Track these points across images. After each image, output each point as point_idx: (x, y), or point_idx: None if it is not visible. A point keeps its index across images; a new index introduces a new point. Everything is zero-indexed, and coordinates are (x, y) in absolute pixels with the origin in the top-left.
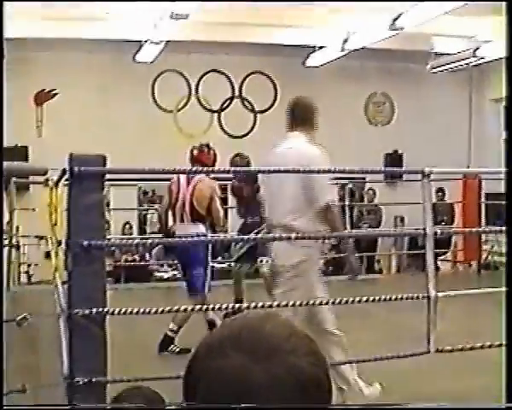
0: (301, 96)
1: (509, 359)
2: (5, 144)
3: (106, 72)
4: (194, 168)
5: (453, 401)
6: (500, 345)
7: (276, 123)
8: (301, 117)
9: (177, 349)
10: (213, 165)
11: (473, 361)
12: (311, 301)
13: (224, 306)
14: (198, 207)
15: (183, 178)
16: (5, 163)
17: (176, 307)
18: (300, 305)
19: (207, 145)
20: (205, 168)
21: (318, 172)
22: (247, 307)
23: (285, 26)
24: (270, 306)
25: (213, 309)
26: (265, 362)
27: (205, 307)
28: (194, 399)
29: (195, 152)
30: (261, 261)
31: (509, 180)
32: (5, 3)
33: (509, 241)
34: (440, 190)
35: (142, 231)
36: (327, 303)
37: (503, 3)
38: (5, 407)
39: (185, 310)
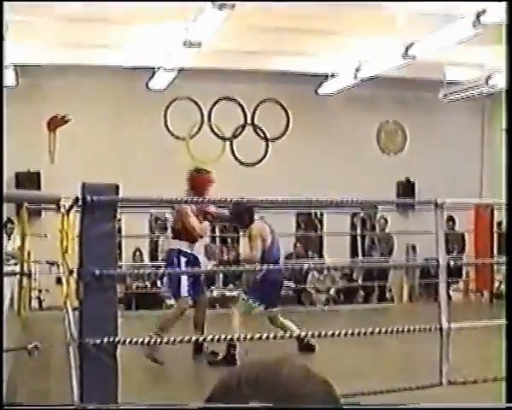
0: None
1: (509, 359)
2: (18, 169)
3: (119, 99)
4: (202, 198)
5: None
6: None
7: (288, 151)
8: None
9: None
10: (204, 189)
11: (486, 393)
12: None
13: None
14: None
15: None
16: (19, 191)
17: (187, 338)
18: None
19: (199, 170)
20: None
21: (331, 203)
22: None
23: (298, 54)
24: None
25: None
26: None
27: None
28: None
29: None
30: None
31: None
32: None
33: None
34: (451, 218)
35: (153, 257)
36: (339, 335)
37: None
38: (5, 408)
39: (197, 340)
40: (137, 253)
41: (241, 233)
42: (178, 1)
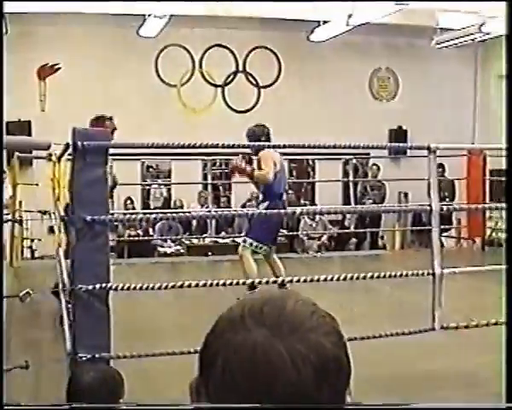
0: None
1: (509, 359)
2: (8, 119)
3: (109, 46)
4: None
5: (457, 378)
6: (506, 322)
7: (280, 98)
8: None
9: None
10: None
11: (477, 338)
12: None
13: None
14: None
15: None
16: (8, 137)
17: (179, 283)
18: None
19: (102, 117)
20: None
21: (324, 147)
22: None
23: (290, 0)
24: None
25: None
26: (287, 338)
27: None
28: (210, 374)
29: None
30: (243, 241)
31: (509, 158)
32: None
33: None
34: (441, 165)
35: (145, 205)
36: (331, 279)
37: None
38: (5, 407)
39: (189, 286)
40: (129, 201)
41: (233, 179)
42: None
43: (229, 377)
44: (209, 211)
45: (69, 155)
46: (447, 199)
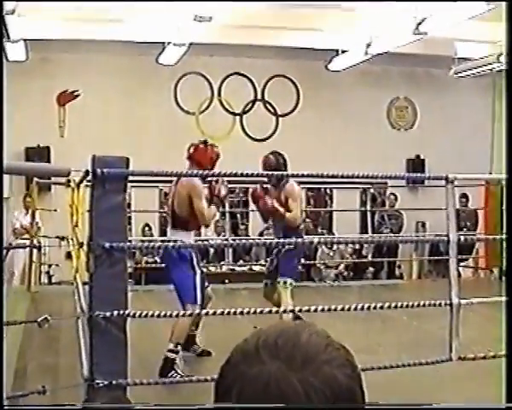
0: None
1: (509, 359)
2: (28, 144)
3: (129, 73)
4: (213, 171)
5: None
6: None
7: (298, 127)
8: None
9: (179, 375)
10: (211, 163)
11: (495, 369)
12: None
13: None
14: (178, 212)
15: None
16: (28, 164)
17: (197, 311)
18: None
19: (205, 142)
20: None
21: (342, 176)
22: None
23: (309, 30)
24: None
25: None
26: (302, 371)
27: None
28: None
29: (191, 150)
30: (284, 282)
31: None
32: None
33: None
34: (464, 195)
35: (163, 232)
36: (349, 309)
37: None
38: (5, 407)
39: (206, 313)
40: (147, 228)
41: (250, 208)
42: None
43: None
44: (226, 239)
45: (88, 181)
46: (465, 229)
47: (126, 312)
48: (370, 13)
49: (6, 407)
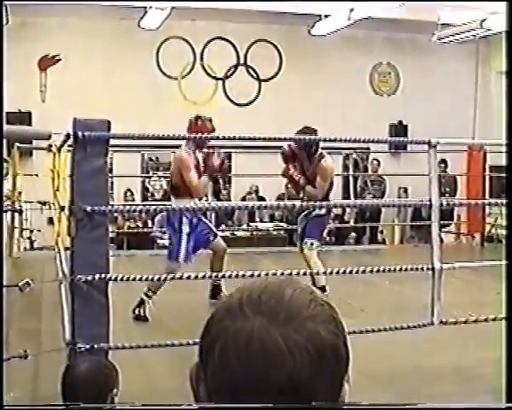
0: None
1: (509, 358)
2: (8, 109)
3: (110, 38)
4: (195, 135)
5: (455, 373)
6: (504, 318)
7: (280, 92)
8: None
9: (142, 315)
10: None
11: (476, 334)
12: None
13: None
14: (173, 181)
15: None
16: (9, 127)
17: (178, 275)
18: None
19: (197, 117)
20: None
21: (324, 140)
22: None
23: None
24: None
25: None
26: (285, 327)
27: None
28: (208, 360)
29: (191, 123)
30: (311, 243)
31: (509, 153)
32: None
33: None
34: (443, 161)
35: (144, 198)
36: (331, 273)
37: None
38: (5, 407)
39: (188, 277)
40: (128, 193)
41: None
42: None
43: (226, 364)
44: (209, 203)
45: (69, 145)
46: (448, 195)
47: (108, 275)
48: None
49: (6, 407)
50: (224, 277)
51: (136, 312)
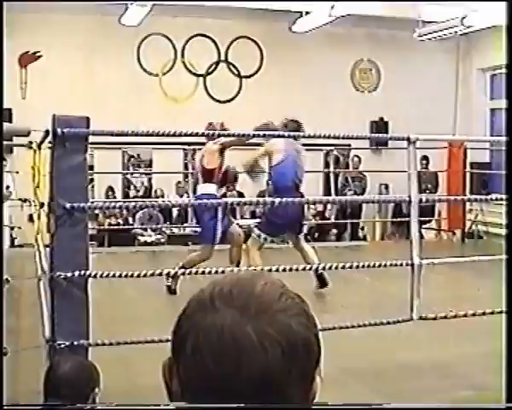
0: None
1: (509, 358)
2: None
3: (91, 34)
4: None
5: (433, 368)
6: (483, 313)
7: (261, 88)
8: None
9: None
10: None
11: (456, 329)
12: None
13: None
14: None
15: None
16: None
17: (158, 271)
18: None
19: (210, 123)
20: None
21: (304, 136)
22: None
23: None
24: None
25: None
26: (256, 320)
27: None
28: (180, 354)
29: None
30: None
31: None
32: None
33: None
34: (425, 157)
35: (126, 195)
36: (310, 269)
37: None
38: (5, 407)
39: (167, 274)
40: (110, 192)
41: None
42: None
43: (199, 359)
44: (189, 200)
45: (49, 142)
46: (429, 191)
47: (88, 272)
48: None
49: (5, 407)
50: (203, 273)
51: (169, 282)
